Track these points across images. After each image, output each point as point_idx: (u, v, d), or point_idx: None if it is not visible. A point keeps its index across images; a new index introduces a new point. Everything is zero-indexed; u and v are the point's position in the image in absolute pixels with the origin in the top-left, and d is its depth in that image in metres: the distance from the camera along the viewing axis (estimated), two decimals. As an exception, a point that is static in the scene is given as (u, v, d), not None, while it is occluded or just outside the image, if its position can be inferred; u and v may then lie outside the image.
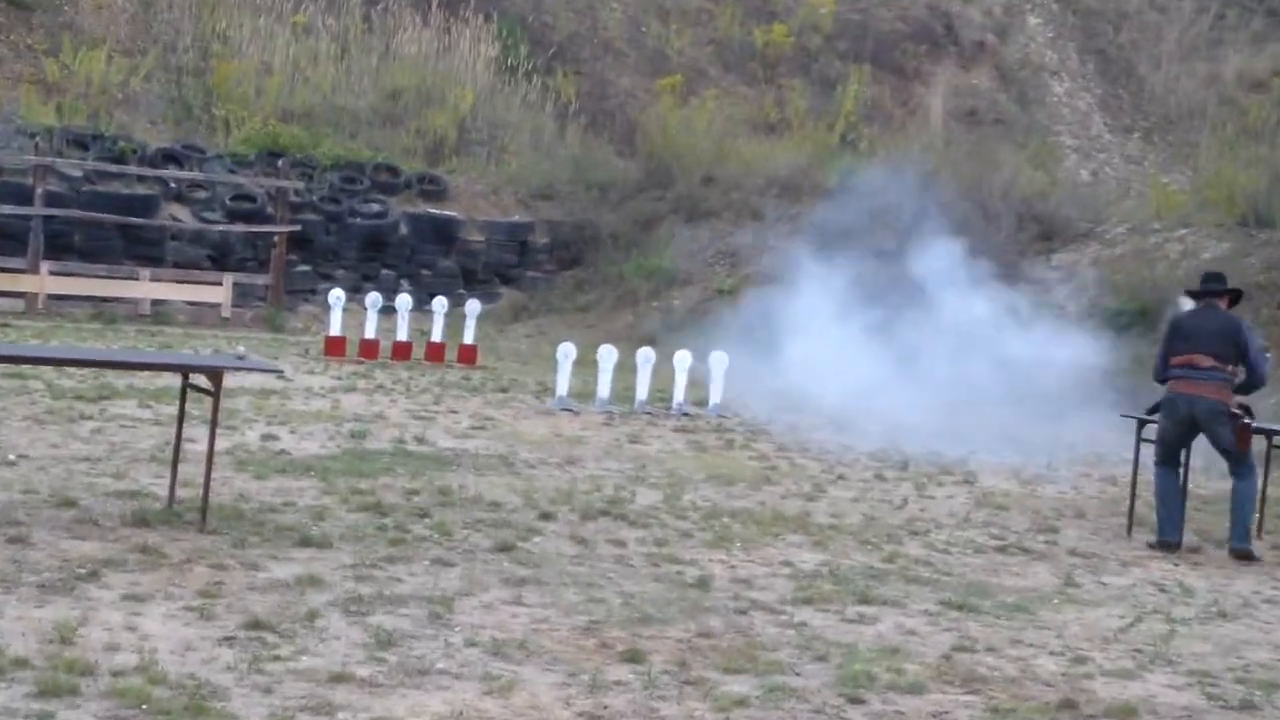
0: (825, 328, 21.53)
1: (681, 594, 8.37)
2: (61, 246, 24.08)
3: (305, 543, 8.76)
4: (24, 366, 14.56)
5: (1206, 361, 11.14)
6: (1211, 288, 11.61)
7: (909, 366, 18.97)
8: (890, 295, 21.06)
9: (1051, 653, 7.82)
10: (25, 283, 23.00)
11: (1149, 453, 12.02)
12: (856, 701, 6.61)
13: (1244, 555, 11.06)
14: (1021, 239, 23.90)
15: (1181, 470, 11.69)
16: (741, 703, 6.42)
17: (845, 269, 22.58)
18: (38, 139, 24.62)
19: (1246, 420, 11.32)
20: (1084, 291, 21.73)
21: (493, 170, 29.98)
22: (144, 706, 5.72)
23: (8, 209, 23.52)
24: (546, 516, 10.35)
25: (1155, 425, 11.94)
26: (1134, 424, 12.18)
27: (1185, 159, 30.12)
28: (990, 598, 8.99)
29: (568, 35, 32.84)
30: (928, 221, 24.14)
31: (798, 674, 6.95)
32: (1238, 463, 11.28)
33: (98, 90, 27.87)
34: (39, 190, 23.54)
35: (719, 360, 18.49)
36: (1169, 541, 11.23)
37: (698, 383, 18.42)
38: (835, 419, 17.26)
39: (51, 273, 23.33)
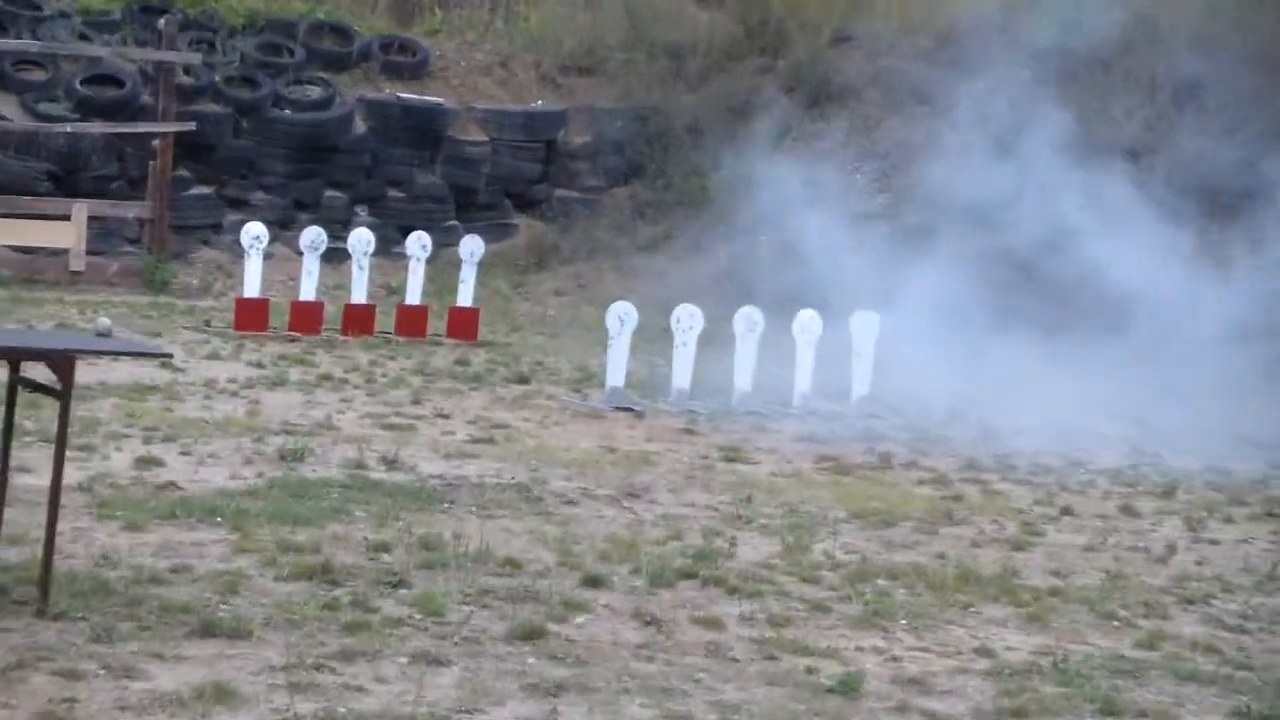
0: (1032, 274, 21.52)
1: (815, 704, 8.30)
2: None
3: (209, 631, 8.69)
4: None
5: None
6: None
7: (1173, 337, 18.98)
8: (1142, 225, 21.07)
9: None
10: None
11: None
12: None
13: None
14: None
15: None
16: None
17: (1070, 179, 22.60)
18: None
19: None
20: None
21: (499, 30, 30.04)
22: None
23: None
24: (595, 583, 10.31)
25: None
26: None
27: None
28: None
29: None
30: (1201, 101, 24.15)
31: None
32: None
33: None
34: None
35: (865, 325, 18.42)
36: None
37: (830, 362, 18.41)
38: (1053, 418, 17.20)
39: None
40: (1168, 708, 8.66)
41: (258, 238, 21.12)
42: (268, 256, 21.30)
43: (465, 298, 21.46)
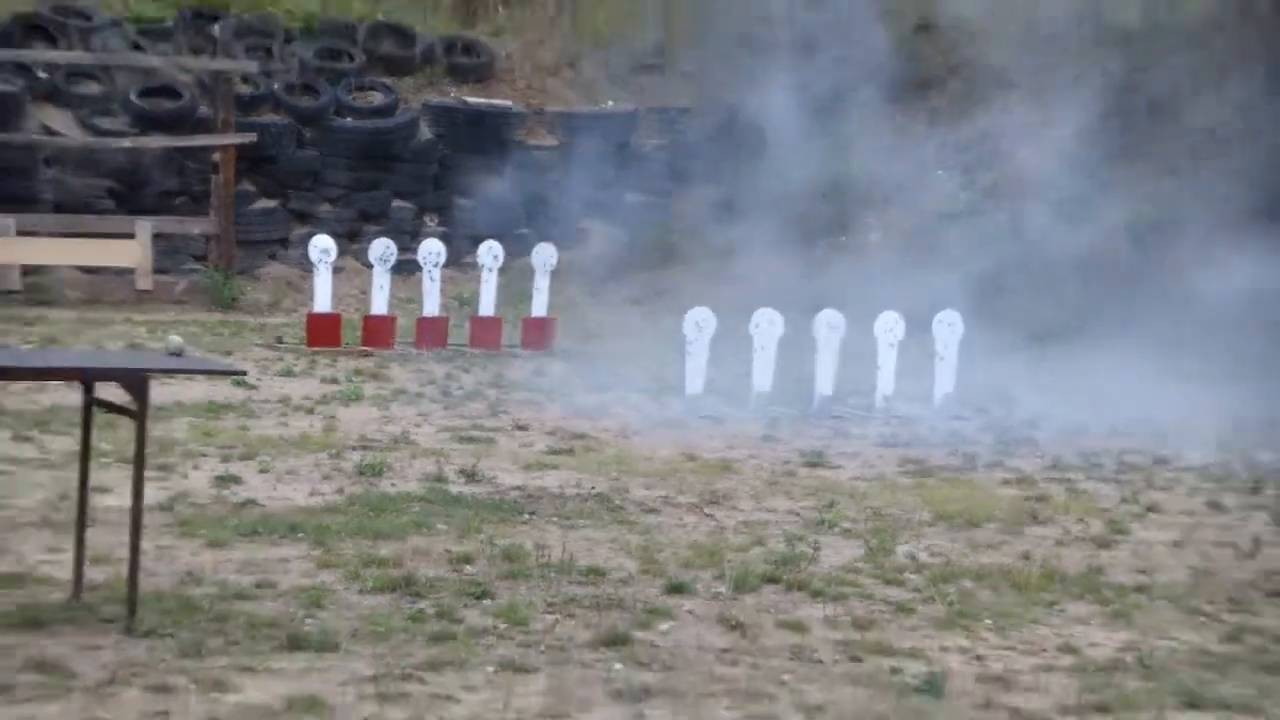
0: (1135, 268, 21.58)
1: (900, 704, 8.46)
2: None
3: (296, 645, 8.85)
4: None
5: None
6: None
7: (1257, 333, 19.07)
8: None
9: None
10: None
11: None
12: None
13: None
14: None
15: None
16: None
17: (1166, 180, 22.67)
18: None
19: None
20: None
21: (566, 28, 30.10)
22: None
23: None
24: (678, 589, 10.45)
25: None
26: None
27: None
28: None
29: None
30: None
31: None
32: None
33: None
34: None
35: (948, 326, 18.54)
36: None
37: (915, 366, 18.52)
38: (1140, 416, 17.31)
39: None
40: (1251, 700, 8.81)
41: (326, 251, 21.16)
42: (337, 270, 21.38)
43: (539, 307, 21.56)
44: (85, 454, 9.74)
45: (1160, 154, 23.76)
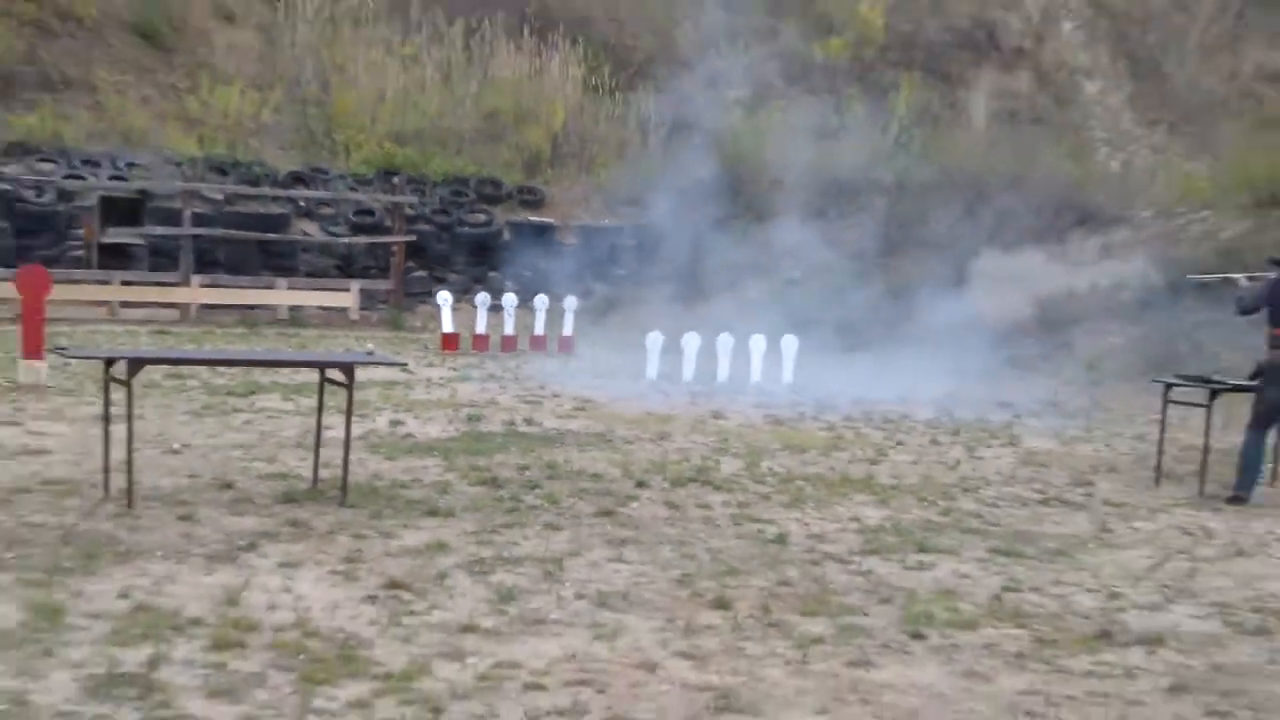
0: (898, 304, 21.65)
1: (762, 549, 8.45)
2: (208, 261, 24.61)
3: (432, 513, 8.86)
4: (182, 368, 14.96)
5: None
6: None
7: (969, 346, 19.15)
8: (946, 292, 21.19)
9: (1088, 590, 7.89)
10: (179, 294, 23.49)
11: (1175, 413, 12.11)
12: (918, 637, 6.71)
13: None
14: (1059, 225, 23.71)
15: (1274, 435, 11.46)
16: (818, 640, 6.53)
17: (911, 256, 22.69)
18: (183, 167, 25.23)
19: None
20: (1116, 269, 21.68)
21: (584, 180, 30.06)
22: (301, 656, 5.91)
23: (160, 230, 24.09)
24: (642, 485, 10.42)
25: (1184, 388, 11.92)
26: (1160, 389, 12.15)
27: (1206, 148, 29.62)
28: (1034, 544, 9.05)
29: (647, 56, 32.85)
30: (977, 215, 24.14)
31: (866, 615, 7.04)
32: None
33: (233, 122, 28.30)
34: (186, 213, 24.07)
35: (791, 343, 18.56)
36: (1244, 497, 11.02)
37: (771, 364, 18.49)
38: (895, 393, 17.33)
39: (201, 285, 23.82)
40: (955, 548, 8.82)
41: (447, 299, 21.21)
42: (456, 309, 21.33)
43: (567, 329, 21.51)
44: (320, 407, 9.80)
45: (906, 249, 23.74)
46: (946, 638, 6.74)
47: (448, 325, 20.98)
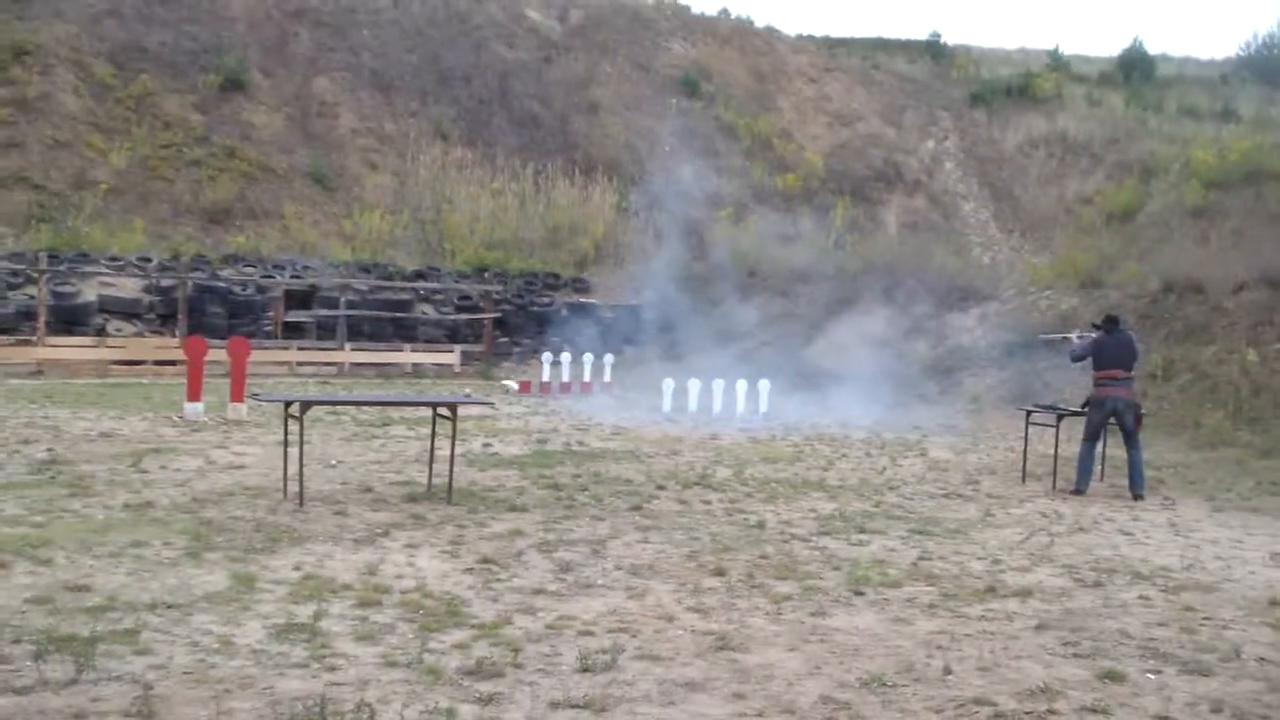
0: (840, 356, 21.54)
1: (747, 532, 8.35)
2: (357, 333, 24.72)
3: (512, 509, 8.79)
4: (338, 408, 14.94)
5: (1121, 374, 10.95)
6: (1115, 322, 11.29)
7: (890, 385, 19.07)
8: (870, 341, 21.11)
9: (978, 558, 7.76)
10: (336, 356, 23.59)
11: (1034, 431, 12.14)
12: (859, 594, 6.59)
13: (1141, 498, 10.75)
14: (949, 300, 23.81)
15: (1100, 445, 11.42)
16: (787, 598, 6.44)
17: (847, 322, 22.63)
18: (340, 268, 25.34)
19: (1142, 412, 11.26)
20: (990, 331, 21.83)
21: (618, 272, 30.10)
22: (420, 611, 5.83)
23: (324, 312, 24.22)
24: (660, 487, 10.32)
25: (1039, 414, 11.89)
26: (1023, 415, 12.10)
27: (1046, 247, 30.15)
28: (940, 526, 8.93)
29: (660, 187, 33.04)
30: (892, 294, 24.13)
31: (822, 579, 6.93)
32: (1135, 439, 11.02)
33: (375, 236, 28.57)
34: (342, 300, 24.18)
35: (765, 385, 18.46)
36: (1082, 490, 10.97)
37: (751, 400, 18.37)
38: (839, 417, 17.21)
39: (352, 349, 23.88)
40: (884, 529, 8.68)
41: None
42: (526, 365, 21.27)
43: (606, 377, 21.43)
44: (433, 434, 9.70)
45: (843, 318, 23.53)
46: (880, 594, 6.63)
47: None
